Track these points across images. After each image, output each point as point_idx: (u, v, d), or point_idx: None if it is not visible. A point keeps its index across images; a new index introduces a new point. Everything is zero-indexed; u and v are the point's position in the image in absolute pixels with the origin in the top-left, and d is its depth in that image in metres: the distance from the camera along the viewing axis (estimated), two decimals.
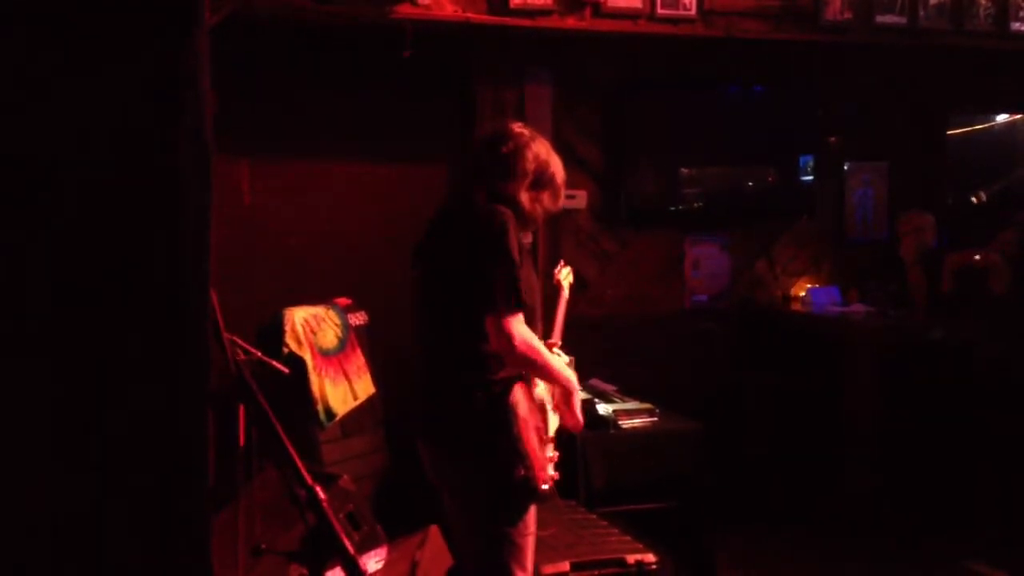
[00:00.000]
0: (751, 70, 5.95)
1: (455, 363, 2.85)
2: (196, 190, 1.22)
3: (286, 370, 3.70)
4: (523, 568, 2.89)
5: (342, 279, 5.20)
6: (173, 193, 1.20)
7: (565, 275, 3.70)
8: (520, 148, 2.90)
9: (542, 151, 2.94)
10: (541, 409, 2.99)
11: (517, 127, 2.99)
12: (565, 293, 3.65)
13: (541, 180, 2.92)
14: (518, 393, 2.81)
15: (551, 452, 3.01)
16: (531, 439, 2.80)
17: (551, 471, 2.94)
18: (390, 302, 5.02)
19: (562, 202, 3.05)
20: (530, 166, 2.89)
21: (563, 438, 4.19)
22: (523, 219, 2.89)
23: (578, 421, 3.11)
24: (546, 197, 2.95)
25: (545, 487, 2.84)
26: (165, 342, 1.23)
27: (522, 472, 2.76)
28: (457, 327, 2.84)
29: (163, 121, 1.20)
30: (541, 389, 3.02)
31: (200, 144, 1.22)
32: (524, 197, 2.88)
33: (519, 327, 2.73)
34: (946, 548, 4.94)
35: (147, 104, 1.19)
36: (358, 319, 4.92)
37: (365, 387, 4.76)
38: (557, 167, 2.97)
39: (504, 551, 2.84)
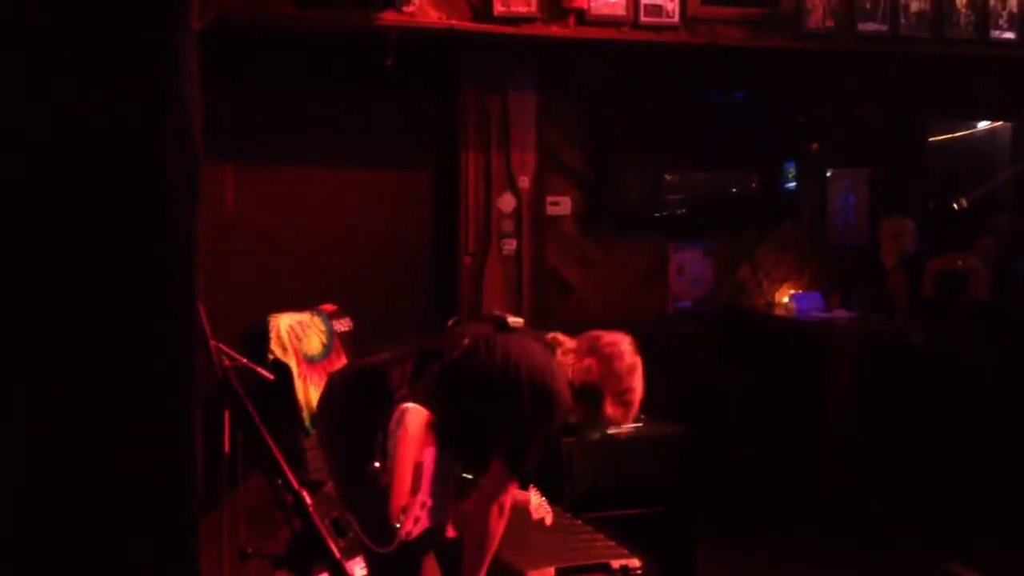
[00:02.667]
0: (734, 77, 5.98)
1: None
2: (183, 193, 1.22)
3: (271, 376, 3.69)
4: None
5: (327, 285, 5.19)
6: (160, 196, 1.21)
7: (536, 504, 3.54)
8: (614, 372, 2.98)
9: (625, 368, 3.02)
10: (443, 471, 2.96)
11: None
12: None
13: (622, 397, 3.01)
14: (416, 414, 2.82)
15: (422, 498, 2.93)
16: (405, 457, 2.79)
17: (412, 523, 2.87)
18: (375, 308, 5.03)
19: (633, 415, 3.12)
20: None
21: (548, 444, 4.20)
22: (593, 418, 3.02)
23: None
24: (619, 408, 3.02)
25: (396, 525, 2.78)
26: (152, 347, 1.24)
27: (377, 466, 2.76)
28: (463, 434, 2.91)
29: (149, 123, 1.20)
30: None
31: (187, 147, 1.22)
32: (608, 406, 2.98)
33: (509, 498, 2.86)
34: (927, 550, 4.98)
35: (133, 106, 1.20)
36: (343, 325, 4.91)
37: None
38: (636, 386, 3.04)
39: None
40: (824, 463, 5.54)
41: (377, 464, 2.76)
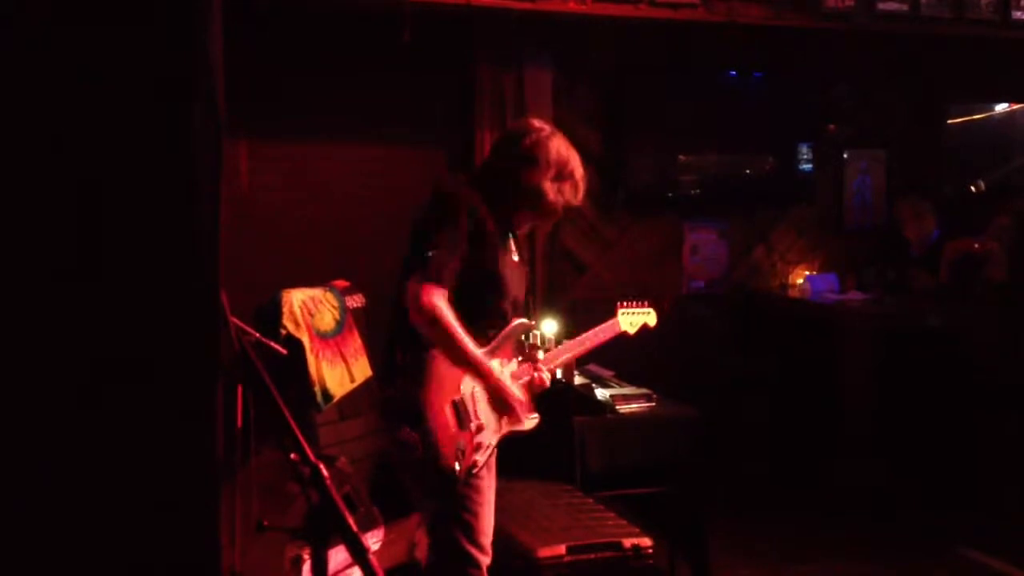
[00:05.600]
0: (751, 56, 5.93)
1: (394, 326, 2.96)
2: (207, 163, 1.21)
3: (284, 351, 3.69)
4: (475, 544, 2.88)
5: (340, 261, 5.19)
6: (185, 166, 1.20)
7: (633, 313, 3.55)
8: (542, 140, 3.02)
9: (562, 145, 3.07)
10: (477, 397, 2.93)
11: (537, 122, 3.13)
12: (619, 326, 3.52)
13: (563, 172, 3.04)
14: (440, 357, 2.83)
15: (484, 438, 2.91)
16: (435, 405, 2.80)
17: (477, 457, 2.87)
18: (388, 284, 5.00)
19: (582, 196, 3.15)
20: (552, 156, 3.01)
21: (561, 422, 4.20)
22: (546, 209, 3.05)
23: (520, 420, 3.01)
24: (567, 188, 3.05)
25: (456, 465, 2.79)
26: (180, 322, 1.23)
27: (407, 430, 2.76)
28: (400, 291, 2.93)
29: (175, 89, 1.19)
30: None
31: (211, 115, 1.21)
32: (548, 187, 3.01)
33: (429, 296, 2.76)
34: (942, 534, 4.96)
35: (159, 73, 1.18)
36: (356, 301, 4.91)
37: (362, 370, 4.75)
38: (576, 162, 3.10)
39: (448, 526, 2.86)
40: (839, 445, 5.52)
41: (408, 430, 2.77)
